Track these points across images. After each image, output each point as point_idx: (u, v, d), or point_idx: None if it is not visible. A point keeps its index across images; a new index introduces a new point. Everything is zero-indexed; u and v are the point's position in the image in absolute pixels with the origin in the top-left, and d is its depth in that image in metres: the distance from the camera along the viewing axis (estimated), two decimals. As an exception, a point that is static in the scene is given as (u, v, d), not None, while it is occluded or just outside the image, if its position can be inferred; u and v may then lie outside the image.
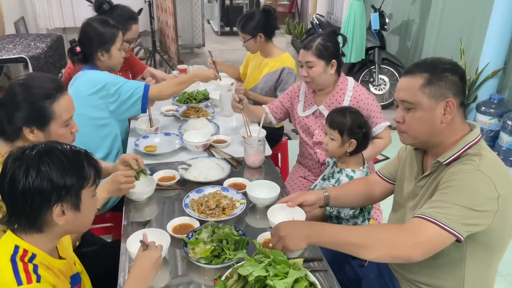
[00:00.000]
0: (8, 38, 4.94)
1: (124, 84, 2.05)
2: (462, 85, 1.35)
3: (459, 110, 1.36)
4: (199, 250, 1.43)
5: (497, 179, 1.27)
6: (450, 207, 1.26)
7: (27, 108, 1.42)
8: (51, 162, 1.07)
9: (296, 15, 8.93)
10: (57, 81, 1.52)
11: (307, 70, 2.19)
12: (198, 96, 2.73)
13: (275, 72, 2.78)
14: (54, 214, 1.09)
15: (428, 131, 1.37)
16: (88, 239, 1.84)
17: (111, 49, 2.12)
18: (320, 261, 1.49)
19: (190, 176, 1.86)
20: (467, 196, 1.26)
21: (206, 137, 2.14)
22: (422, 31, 5.12)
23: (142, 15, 5.83)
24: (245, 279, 1.24)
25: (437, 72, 1.34)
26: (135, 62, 2.86)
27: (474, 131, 1.38)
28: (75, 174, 1.10)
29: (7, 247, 1.09)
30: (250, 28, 2.74)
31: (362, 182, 1.84)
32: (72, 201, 1.11)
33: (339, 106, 2.23)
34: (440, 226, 1.25)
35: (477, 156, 1.32)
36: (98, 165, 1.19)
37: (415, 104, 1.35)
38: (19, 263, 1.07)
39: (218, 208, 1.65)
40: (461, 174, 1.30)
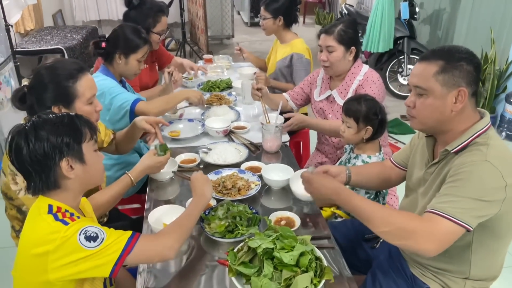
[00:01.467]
0: (46, 30, 5.20)
1: (118, 95, 2.13)
2: (476, 75, 1.35)
3: (470, 100, 1.37)
4: (214, 226, 1.54)
5: (504, 168, 1.29)
6: (461, 201, 1.27)
7: (53, 88, 1.56)
8: (46, 126, 1.20)
9: (326, 5, 8.89)
10: (78, 63, 1.65)
11: (327, 55, 2.23)
12: (221, 84, 2.83)
13: (285, 58, 2.86)
14: (63, 169, 1.21)
15: (438, 118, 1.39)
16: (115, 216, 1.99)
17: (130, 56, 2.21)
18: (329, 239, 1.56)
19: (210, 159, 1.97)
20: (475, 187, 1.28)
21: (226, 123, 2.25)
22: (453, 21, 5.04)
23: (173, 7, 6.01)
24: (254, 251, 1.34)
25: (453, 60, 1.34)
26: (163, 53, 2.97)
27: (483, 119, 1.39)
28: (70, 131, 1.22)
29: (42, 208, 1.21)
30: (273, 8, 2.82)
31: (379, 165, 1.88)
32: (75, 154, 1.23)
33: (348, 89, 2.29)
34: (454, 222, 1.26)
35: (485, 145, 1.33)
36: (91, 123, 1.30)
37: (428, 91, 1.36)
38: (58, 214, 1.20)
39: (234, 188, 1.75)
40: (468, 166, 1.31)
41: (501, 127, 4.03)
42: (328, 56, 2.23)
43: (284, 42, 2.93)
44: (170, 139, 2.20)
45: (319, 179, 1.45)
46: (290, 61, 2.84)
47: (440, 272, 1.51)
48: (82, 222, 1.21)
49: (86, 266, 1.17)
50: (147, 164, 1.75)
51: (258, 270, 1.30)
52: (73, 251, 1.15)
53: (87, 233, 1.17)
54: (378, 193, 2.09)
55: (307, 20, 9.00)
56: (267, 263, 1.30)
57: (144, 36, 2.27)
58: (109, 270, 1.19)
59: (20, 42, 4.65)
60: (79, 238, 1.15)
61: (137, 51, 2.22)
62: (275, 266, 1.30)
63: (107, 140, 1.95)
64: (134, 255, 1.23)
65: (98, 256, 1.17)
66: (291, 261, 1.29)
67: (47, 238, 1.15)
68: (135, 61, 2.24)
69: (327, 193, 1.42)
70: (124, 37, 2.22)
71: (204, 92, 2.78)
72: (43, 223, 1.18)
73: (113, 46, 2.21)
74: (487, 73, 4.06)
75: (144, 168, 1.75)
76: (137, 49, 2.22)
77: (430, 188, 1.49)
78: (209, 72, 3.13)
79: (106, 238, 1.19)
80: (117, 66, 2.24)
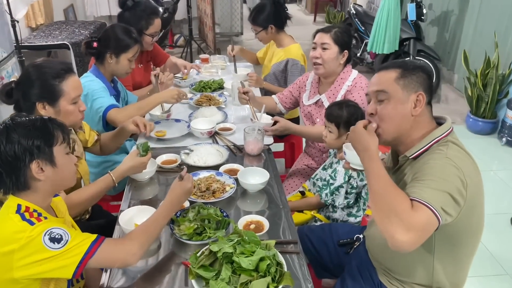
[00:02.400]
0: (56, 24, 5.29)
1: (97, 99, 2.18)
2: (430, 83, 1.44)
3: (427, 107, 1.43)
4: (183, 228, 1.58)
5: (463, 168, 1.31)
6: (431, 191, 1.26)
7: (39, 85, 1.61)
8: (18, 129, 1.24)
9: (337, 3, 8.83)
10: (66, 64, 1.70)
11: (320, 52, 2.25)
12: (213, 85, 2.87)
13: (281, 62, 2.89)
14: (33, 170, 1.24)
15: (398, 123, 1.42)
16: (98, 213, 2.04)
17: (120, 56, 2.26)
18: (295, 244, 1.59)
19: (190, 161, 2.01)
20: (441, 180, 1.28)
21: (211, 124, 2.28)
22: (460, 23, 4.97)
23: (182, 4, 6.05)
24: (215, 255, 1.38)
25: (409, 68, 1.43)
26: (158, 52, 3.02)
27: (442, 126, 1.43)
28: (41, 134, 1.26)
29: (10, 207, 1.26)
30: (261, 20, 2.86)
31: None
32: (45, 157, 1.26)
33: (337, 94, 2.30)
34: (432, 211, 1.23)
35: (444, 146, 1.38)
36: (64, 126, 1.33)
37: (389, 94, 1.41)
38: (25, 214, 1.24)
39: (208, 191, 1.79)
40: (431, 163, 1.34)
41: (502, 133, 3.98)
42: (321, 53, 2.25)
43: (280, 46, 2.96)
44: (156, 139, 2.24)
45: (359, 131, 1.41)
46: (285, 66, 2.87)
47: (405, 281, 1.54)
48: (48, 223, 1.24)
49: (49, 266, 1.21)
50: (130, 165, 1.79)
51: (217, 274, 1.34)
52: (37, 251, 1.19)
53: (52, 235, 1.21)
54: (358, 199, 2.11)
55: (317, 18, 8.96)
56: (226, 267, 1.34)
57: (134, 36, 2.31)
58: (71, 272, 1.23)
59: (28, 37, 4.74)
60: (43, 239, 1.19)
61: (128, 50, 2.27)
62: (234, 270, 1.34)
63: (91, 141, 2.01)
64: (96, 259, 1.26)
65: (61, 258, 1.21)
66: (250, 266, 1.32)
67: (13, 237, 1.19)
68: (126, 60, 2.28)
69: (357, 146, 1.42)
70: (115, 37, 2.26)
71: (195, 93, 2.81)
72: (10, 222, 1.22)
73: (104, 45, 2.26)
74: (489, 78, 4.01)
75: (127, 169, 1.79)
76: (127, 48, 2.27)
77: None
78: (204, 72, 3.17)
79: (70, 240, 1.23)
80: (108, 65, 2.29)
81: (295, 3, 10.91)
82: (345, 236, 1.90)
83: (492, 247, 2.75)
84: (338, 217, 2.09)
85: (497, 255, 2.71)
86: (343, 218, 2.08)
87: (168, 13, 5.80)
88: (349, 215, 2.08)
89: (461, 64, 4.52)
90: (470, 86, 4.21)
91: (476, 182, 1.37)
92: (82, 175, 1.86)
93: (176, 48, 6.77)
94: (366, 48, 5.37)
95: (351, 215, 2.08)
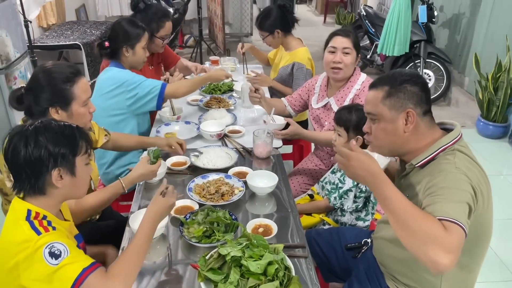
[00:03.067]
0: (67, 24, 5.34)
1: (143, 82, 2.24)
2: (423, 94, 1.40)
3: (423, 118, 1.41)
4: (192, 230, 1.59)
5: (472, 178, 1.31)
6: (452, 205, 1.23)
7: (50, 90, 1.63)
8: (47, 134, 1.24)
9: (348, 4, 8.81)
10: (74, 67, 1.72)
11: (342, 57, 2.24)
12: (223, 87, 2.88)
13: (287, 66, 2.90)
14: (53, 177, 1.25)
15: (392, 141, 1.43)
16: (108, 214, 2.07)
17: (135, 46, 2.32)
18: (303, 248, 1.59)
19: (200, 163, 2.03)
20: (460, 192, 1.27)
21: (221, 127, 2.30)
22: (472, 26, 4.93)
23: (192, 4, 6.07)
24: (224, 258, 1.39)
25: (396, 84, 1.40)
26: (168, 54, 3.04)
27: (450, 134, 1.41)
28: (68, 143, 1.27)
29: (20, 211, 1.25)
30: (267, 25, 2.89)
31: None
32: (67, 166, 1.27)
33: (345, 97, 2.30)
34: (462, 228, 1.20)
35: (451, 155, 1.37)
36: (89, 137, 1.35)
37: (378, 116, 1.43)
38: (34, 221, 1.24)
39: (217, 193, 1.80)
40: (444, 174, 1.31)
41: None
42: (343, 58, 2.24)
43: (288, 49, 2.98)
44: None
45: (360, 158, 1.32)
46: (291, 70, 2.88)
47: (413, 286, 1.54)
48: (52, 235, 1.23)
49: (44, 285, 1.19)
50: (140, 173, 1.82)
51: (226, 277, 1.35)
52: (36, 262, 1.18)
53: (52, 249, 1.20)
54: (367, 203, 2.11)
55: (328, 19, 8.95)
56: (234, 270, 1.35)
57: (140, 24, 2.37)
58: None
59: (40, 37, 4.80)
60: (44, 252, 1.18)
61: (140, 39, 2.33)
62: (242, 274, 1.35)
63: (101, 141, 2.03)
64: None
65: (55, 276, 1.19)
66: (258, 269, 1.33)
67: (20, 247, 1.19)
68: (141, 49, 2.35)
69: (362, 174, 1.31)
70: (123, 31, 2.31)
71: (206, 95, 2.83)
72: (19, 229, 1.23)
73: (116, 42, 2.31)
74: (500, 82, 3.98)
75: (137, 176, 1.82)
76: (139, 37, 2.33)
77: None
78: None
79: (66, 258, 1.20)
80: (125, 59, 2.34)
81: (305, 3, 10.91)
82: (353, 240, 1.90)
83: (502, 252, 2.73)
84: (347, 221, 2.09)
85: (507, 260, 2.69)
86: (352, 222, 2.08)
87: (178, 14, 5.82)
88: (358, 219, 2.08)
89: (472, 67, 4.49)
90: (481, 89, 4.18)
91: (485, 190, 1.36)
92: (91, 177, 1.89)
93: (186, 49, 6.81)
94: (376, 50, 5.36)
95: (359, 219, 2.08)
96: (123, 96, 2.22)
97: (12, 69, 3.34)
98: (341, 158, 1.36)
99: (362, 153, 1.33)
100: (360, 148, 1.37)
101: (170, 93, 2.31)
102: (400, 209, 1.23)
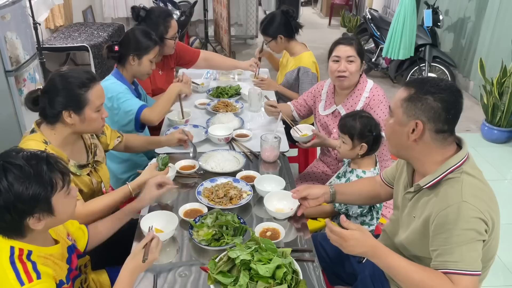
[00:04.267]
0: (75, 26, 5.39)
1: (125, 102, 2.25)
2: (442, 113, 1.34)
3: (434, 135, 1.38)
4: (202, 233, 1.62)
5: (480, 205, 1.31)
6: (463, 250, 1.29)
7: (65, 94, 1.67)
8: (12, 183, 1.12)
9: (352, 7, 8.83)
10: (90, 73, 1.76)
11: (346, 65, 2.25)
12: (230, 91, 2.91)
13: (293, 71, 2.94)
14: (30, 224, 1.18)
15: (396, 142, 1.46)
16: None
17: (143, 57, 2.34)
18: (310, 252, 1.62)
19: (208, 167, 2.06)
20: (467, 230, 1.30)
21: (229, 131, 2.33)
22: (477, 30, 4.95)
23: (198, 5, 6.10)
24: (233, 261, 1.42)
25: (421, 92, 1.37)
26: (185, 52, 2.99)
27: (458, 154, 1.40)
28: (38, 187, 1.15)
29: (3, 250, 1.19)
30: (270, 30, 2.94)
31: (369, 181, 1.93)
32: (44, 210, 1.18)
33: (355, 106, 2.32)
34: (472, 274, 1.29)
35: (458, 183, 1.35)
36: (63, 166, 1.24)
37: (394, 113, 1.44)
38: (18, 265, 1.17)
39: (226, 197, 1.83)
40: (449, 212, 1.32)
41: (517, 143, 3.96)
42: (347, 67, 2.25)
43: (293, 55, 3.01)
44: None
45: (356, 236, 1.38)
46: (297, 75, 2.92)
47: None
48: (37, 286, 1.17)
49: None
50: (147, 179, 1.83)
51: (235, 280, 1.38)
52: None
53: None
54: (372, 207, 2.13)
55: (333, 22, 8.97)
56: (244, 273, 1.38)
57: (154, 37, 2.38)
58: None
59: (48, 38, 4.84)
60: None
61: (149, 52, 2.35)
62: (251, 277, 1.38)
63: (112, 143, 2.07)
64: None
65: None
66: (267, 273, 1.36)
67: None
68: (147, 61, 2.36)
69: (362, 251, 1.40)
70: (135, 39, 2.34)
71: (213, 98, 2.86)
72: (3, 275, 1.16)
73: (126, 48, 2.34)
74: (505, 86, 4.00)
75: (144, 181, 1.83)
76: (149, 50, 2.35)
77: (409, 214, 1.52)
78: (221, 78, 3.22)
79: None
80: (130, 67, 2.36)
81: (310, 6, 10.93)
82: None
83: (506, 257, 2.75)
84: (352, 226, 2.11)
85: (510, 265, 2.70)
86: (357, 227, 2.11)
87: (185, 16, 5.86)
88: (363, 224, 2.10)
89: (477, 71, 4.51)
90: (486, 94, 4.19)
91: (494, 214, 1.37)
92: (102, 179, 1.92)
93: (191, 50, 6.84)
94: (381, 53, 5.38)
95: (365, 223, 2.10)
96: (111, 110, 2.24)
97: (21, 71, 3.38)
98: (336, 237, 1.40)
99: (356, 229, 1.39)
100: (351, 223, 1.41)
101: (146, 118, 2.27)
102: (408, 277, 1.34)
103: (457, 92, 1.37)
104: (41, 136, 1.68)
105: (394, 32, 4.81)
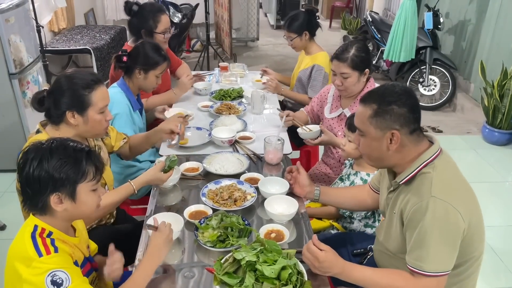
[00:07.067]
0: (77, 29, 5.41)
1: (116, 121, 2.23)
2: (410, 116, 1.41)
3: (409, 137, 1.43)
4: (207, 235, 1.64)
5: (450, 198, 1.35)
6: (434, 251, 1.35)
7: (69, 95, 1.69)
8: (51, 157, 1.24)
9: (353, 10, 8.86)
10: (95, 75, 1.78)
11: (341, 80, 2.29)
12: (233, 93, 2.93)
13: (307, 69, 2.98)
14: (51, 201, 1.26)
15: (378, 156, 1.49)
16: (122, 218, 2.12)
17: (149, 72, 2.36)
18: (314, 254, 1.64)
19: (212, 169, 2.08)
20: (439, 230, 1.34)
21: (232, 133, 2.35)
22: (478, 33, 4.97)
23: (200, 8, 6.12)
24: (239, 263, 1.44)
25: (384, 104, 1.41)
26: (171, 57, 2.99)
27: (430, 149, 1.45)
28: (71, 168, 1.25)
29: (28, 226, 1.28)
30: (296, 26, 2.97)
31: (358, 187, 1.99)
32: (67, 192, 1.27)
33: (360, 109, 2.34)
34: (438, 276, 1.37)
35: (429, 177, 1.40)
36: (99, 163, 1.34)
37: (365, 132, 1.47)
38: (38, 239, 1.25)
39: (230, 199, 1.85)
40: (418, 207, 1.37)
41: (518, 145, 3.98)
42: (342, 81, 2.29)
43: (308, 53, 3.06)
44: (179, 146, 2.31)
45: (329, 258, 1.44)
46: (310, 72, 2.95)
47: None
48: (54, 259, 1.24)
49: None
50: (149, 178, 1.87)
51: (241, 281, 1.40)
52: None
53: (54, 277, 1.22)
54: (375, 210, 2.14)
55: (333, 24, 9.00)
56: (249, 274, 1.40)
57: (163, 53, 2.40)
58: None
59: (51, 41, 4.87)
60: (46, 280, 1.21)
61: (156, 67, 2.37)
62: (257, 278, 1.40)
63: (118, 145, 2.08)
64: None
65: None
66: (272, 274, 1.38)
67: (21, 261, 1.22)
68: (153, 76, 2.38)
69: (333, 272, 1.46)
70: (144, 53, 2.35)
71: (216, 101, 2.88)
72: (22, 243, 1.25)
73: (134, 61, 2.35)
74: (506, 89, 4.02)
75: (146, 180, 1.87)
76: (156, 65, 2.37)
77: (391, 213, 1.56)
78: (223, 81, 3.24)
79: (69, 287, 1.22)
80: (136, 80, 2.38)
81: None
82: (359, 246, 1.95)
83: (507, 259, 2.76)
84: (355, 228, 2.13)
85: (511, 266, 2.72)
86: (360, 229, 2.12)
87: (186, 19, 5.89)
88: (366, 226, 2.12)
89: (477, 73, 4.53)
90: (487, 96, 4.21)
91: (470, 207, 1.40)
92: (106, 182, 1.94)
93: (193, 53, 6.88)
94: (382, 55, 5.41)
95: (368, 225, 2.12)
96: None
97: (25, 74, 3.40)
98: (310, 256, 1.44)
99: (328, 251, 1.44)
100: (323, 244, 1.46)
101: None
102: (376, 284, 1.46)
103: (410, 91, 1.47)
104: (46, 136, 1.70)
105: (395, 35, 4.83)
